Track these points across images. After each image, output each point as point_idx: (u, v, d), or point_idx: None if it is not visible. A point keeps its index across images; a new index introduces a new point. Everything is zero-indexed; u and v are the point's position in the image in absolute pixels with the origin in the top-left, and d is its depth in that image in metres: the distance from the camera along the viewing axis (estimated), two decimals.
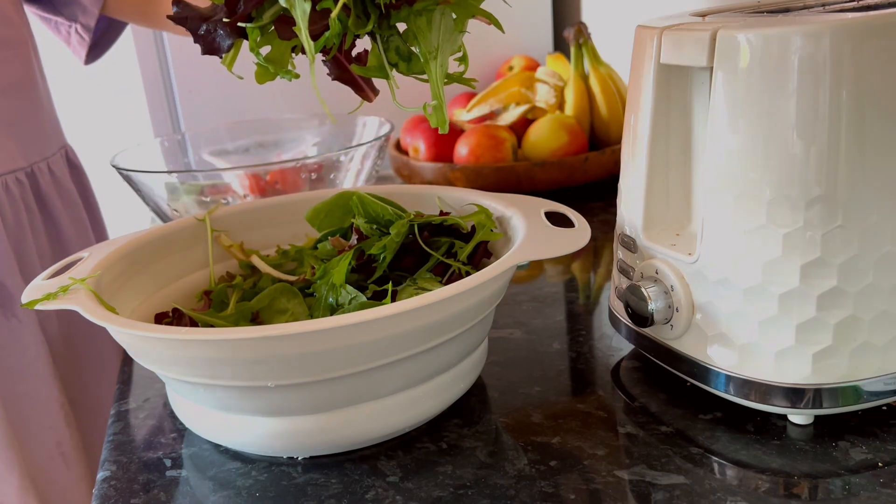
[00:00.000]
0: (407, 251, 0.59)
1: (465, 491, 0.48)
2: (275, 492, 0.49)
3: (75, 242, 0.94)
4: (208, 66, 1.25)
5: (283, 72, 0.48)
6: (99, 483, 0.52)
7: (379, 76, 0.50)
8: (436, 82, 0.49)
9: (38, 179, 0.91)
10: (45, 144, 0.93)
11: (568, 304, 0.73)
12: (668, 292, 0.53)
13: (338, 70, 0.49)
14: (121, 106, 1.45)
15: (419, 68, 0.50)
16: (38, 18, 0.98)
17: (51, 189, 0.92)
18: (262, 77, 0.47)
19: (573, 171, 1.00)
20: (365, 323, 0.45)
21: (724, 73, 0.48)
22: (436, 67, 0.49)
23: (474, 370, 0.56)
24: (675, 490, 0.46)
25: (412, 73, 0.50)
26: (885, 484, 0.45)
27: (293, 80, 0.47)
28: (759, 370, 0.50)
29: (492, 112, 1.10)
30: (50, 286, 0.53)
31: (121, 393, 0.63)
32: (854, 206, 0.46)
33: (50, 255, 0.92)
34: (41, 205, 0.91)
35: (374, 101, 0.50)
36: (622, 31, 1.24)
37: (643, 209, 0.56)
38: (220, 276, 0.65)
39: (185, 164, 1.02)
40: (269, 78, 0.47)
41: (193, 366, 0.48)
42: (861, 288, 0.47)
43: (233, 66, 0.48)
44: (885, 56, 0.45)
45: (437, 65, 0.49)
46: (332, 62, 0.49)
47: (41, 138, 0.92)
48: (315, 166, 0.85)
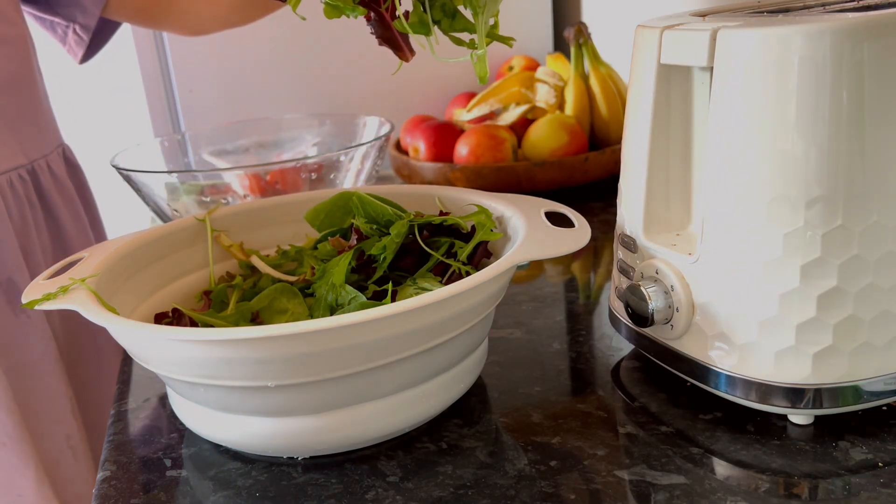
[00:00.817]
0: (407, 251, 0.59)
1: (465, 491, 0.48)
2: (275, 492, 0.49)
3: (76, 239, 0.95)
4: (208, 65, 1.25)
5: (348, 9, 0.51)
6: (99, 483, 0.52)
7: (421, 32, 0.53)
8: (482, 35, 0.53)
9: (39, 177, 0.91)
10: (44, 142, 0.93)
11: (568, 304, 0.73)
12: (668, 292, 0.53)
13: (381, 28, 0.52)
14: (121, 106, 1.45)
15: (461, 26, 0.54)
16: (32, 18, 0.98)
17: (51, 187, 0.92)
18: (330, 14, 0.51)
19: (573, 171, 1.00)
20: (365, 323, 0.45)
21: (724, 73, 0.48)
22: (482, 22, 0.53)
23: (474, 370, 0.56)
24: (675, 490, 0.46)
25: (454, 30, 0.54)
26: (886, 484, 0.45)
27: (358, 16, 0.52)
28: (759, 370, 0.50)
29: (492, 112, 1.10)
30: (50, 286, 0.53)
31: (121, 393, 0.63)
32: (854, 206, 0.46)
33: (52, 252, 0.92)
34: (43, 202, 0.92)
35: (409, 61, 0.54)
36: (622, 31, 1.25)
37: (643, 209, 0.56)
38: (220, 276, 0.65)
39: (185, 164, 1.02)
40: (336, 15, 0.51)
41: (193, 366, 0.48)
42: (861, 288, 0.47)
43: (297, 8, 0.52)
44: (885, 56, 0.45)
45: (484, 20, 0.53)
46: (376, 20, 0.52)
47: (40, 136, 0.93)
48: (315, 166, 0.85)
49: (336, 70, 1.27)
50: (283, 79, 1.27)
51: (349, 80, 1.28)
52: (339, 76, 1.28)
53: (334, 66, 1.27)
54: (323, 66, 1.26)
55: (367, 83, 1.27)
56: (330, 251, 0.63)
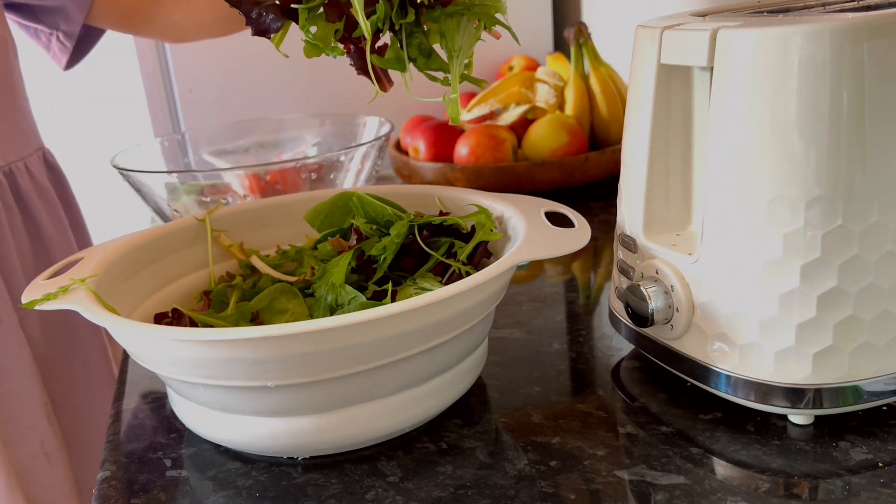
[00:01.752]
0: (407, 251, 0.59)
1: (465, 491, 0.48)
2: (275, 492, 0.49)
3: (56, 241, 0.94)
4: (208, 66, 1.25)
5: (328, 49, 0.54)
6: (99, 483, 0.52)
7: (396, 68, 0.55)
8: (456, 77, 0.54)
9: (17, 179, 0.91)
10: (22, 145, 0.93)
11: (568, 304, 0.73)
12: (668, 292, 0.53)
13: (360, 61, 0.54)
14: (121, 106, 1.45)
15: (437, 65, 0.55)
16: (16, 25, 0.98)
17: (30, 189, 0.92)
18: (310, 52, 0.53)
19: (573, 171, 1.00)
20: (365, 323, 0.45)
21: (724, 73, 0.48)
22: (457, 64, 0.54)
23: (474, 370, 0.56)
24: (676, 490, 0.46)
25: (429, 68, 0.55)
26: (886, 484, 0.45)
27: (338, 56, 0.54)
28: (759, 370, 0.50)
29: (492, 112, 1.10)
30: (50, 286, 0.53)
31: (120, 393, 0.63)
32: (854, 206, 0.46)
33: (31, 254, 0.92)
34: (21, 204, 0.91)
35: (388, 91, 0.56)
36: (622, 31, 1.25)
37: (643, 209, 0.56)
38: (220, 276, 0.65)
39: (185, 164, 1.02)
40: (316, 54, 0.53)
41: (193, 366, 0.48)
42: (861, 288, 0.47)
43: (280, 46, 0.54)
44: (884, 56, 0.45)
45: (458, 62, 0.54)
46: (356, 54, 0.54)
47: (18, 139, 0.92)
48: (315, 166, 0.85)
49: (336, 70, 1.27)
50: (283, 79, 1.27)
51: (349, 80, 1.27)
52: (339, 76, 1.27)
53: (334, 66, 1.27)
54: (323, 66, 1.26)
55: (368, 83, 1.27)
56: (330, 251, 0.63)
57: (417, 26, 0.54)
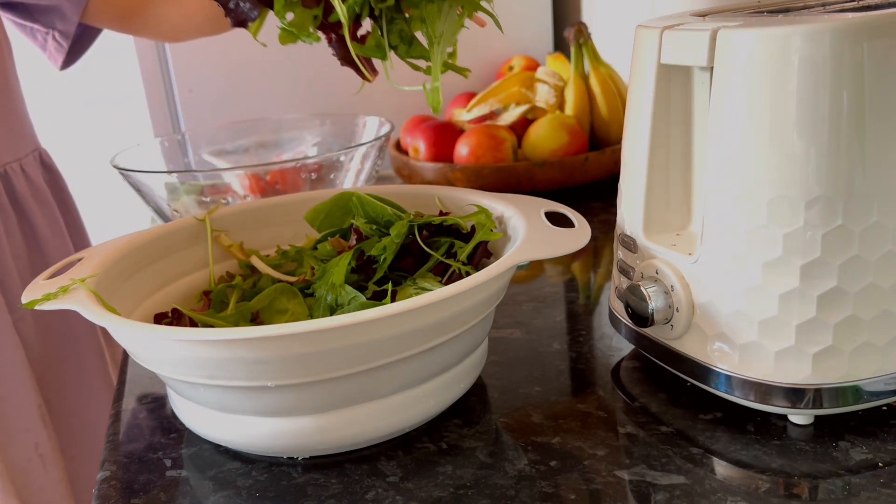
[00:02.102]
0: (407, 251, 0.59)
1: (465, 491, 0.48)
2: (275, 492, 0.49)
3: (51, 243, 0.94)
4: (208, 66, 1.25)
5: (304, 35, 0.52)
6: (99, 483, 0.52)
7: (376, 56, 0.54)
8: (437, 65, 0.53)
9: (12, 179, 0.90)
10: (17, 146, 0.93)
11: (568, 304, 0.73)
12: (668, 292, 0.53)
13: (342, 50, 0.53)
14: (121, 106, 1.45)
15: (418, 53, 0.54)
16: (12, 24, 0.98)
17: (25, 189, 0.92)
18: (286, 39, 0.52)
19: (573, 171, 1.00)
20: (365, 323, 0.45)
21: (724, 73, 0.48)
22: (438, 52, 0.53)
23: (474, 370, 0.56)
24: (676, 490, 0.46)
25: (410, 56, 0.54)
26: (886, 484, 0.45)
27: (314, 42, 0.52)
28: (759, 370, 0.50)
29: (492, 112, 1.10)
30: (50, 286, 0.53)
31: (120, 393, 0.63)
32: (854, 206, 0.46)
33: (26, 256, 0.92)
34: (16, 205, 0.91)
35: (373, 81, 0.55)
36: (622, 31, 1.25)
37: (643, 209, 0.56)
38: (220, 276, 0.65)
39: (185, 164, 1.02)
40: (292, 40, 0.52)
41: (193, 366, 0.48)
42: (861, 288, 0.47)
43: (258, 34, 0.52)
44: (884, 56, 0.45)
45: (440, 50, 0.53)
46: (337, 42, 0.53)
47: (14, 140, 0.92)
48: (315, 166, 0.85)
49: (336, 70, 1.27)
50: (283, 79, 1.27)
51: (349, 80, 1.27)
52: (339, 76, 1.27)
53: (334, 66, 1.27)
54: (323, 66, 1.26)
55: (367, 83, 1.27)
56: (330, 251, 0.63)
57: (398, 12, 0.52)
